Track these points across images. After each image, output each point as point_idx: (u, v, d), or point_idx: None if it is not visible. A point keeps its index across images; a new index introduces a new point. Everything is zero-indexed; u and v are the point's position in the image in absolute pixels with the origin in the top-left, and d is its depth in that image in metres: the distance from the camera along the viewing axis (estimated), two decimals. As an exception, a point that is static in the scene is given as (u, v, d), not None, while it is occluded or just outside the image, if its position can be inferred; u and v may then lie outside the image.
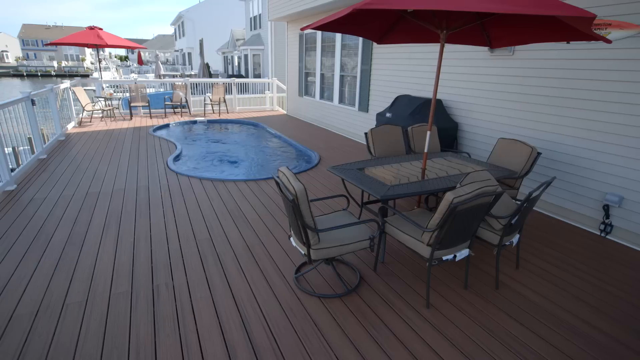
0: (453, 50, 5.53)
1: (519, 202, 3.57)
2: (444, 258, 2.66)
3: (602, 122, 3.86)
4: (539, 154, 3.70)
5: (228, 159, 6.91)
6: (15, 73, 53.05)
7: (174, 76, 30.60)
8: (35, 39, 67.62)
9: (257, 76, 23.43)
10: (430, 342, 2.33)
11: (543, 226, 4.13)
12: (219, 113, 11.65)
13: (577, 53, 4.00)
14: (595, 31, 3.71)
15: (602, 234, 3.93)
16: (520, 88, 4.62)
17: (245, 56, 24.53)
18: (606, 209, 3.87)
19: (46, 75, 53.29)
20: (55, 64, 58.42)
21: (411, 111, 5.62)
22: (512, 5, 2.14)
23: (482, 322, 2.53)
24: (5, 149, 4.66)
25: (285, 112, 12.35)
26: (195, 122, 10.32)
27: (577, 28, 2.51)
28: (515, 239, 2.98)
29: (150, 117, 10.66)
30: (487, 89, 5.07)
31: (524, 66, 4.55)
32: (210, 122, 10.50)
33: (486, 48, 4.99)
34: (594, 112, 3.92)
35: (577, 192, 4.17)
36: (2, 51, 67.53)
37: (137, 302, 2.63)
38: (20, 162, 8.20)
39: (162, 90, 15.28)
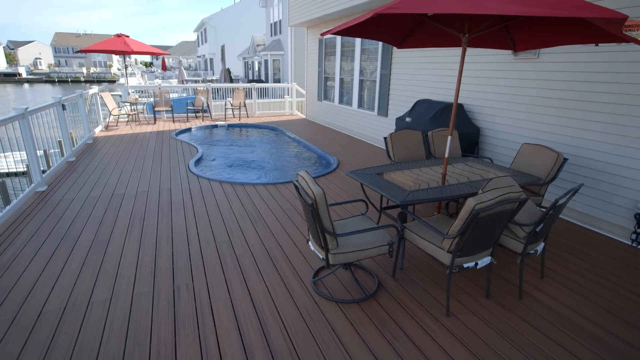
0: (475, 54, 5.44)
1: (544, 210, 3.47)
2: (465, 265, 2.60)
3: (634, 127, 3.71)
4: (565, 159, 3.59)
5: (248, 162, 7.00)
6: (48, 79, 55.59)
7: (196, 81, 31.33)
8: (67, 46, 70.71)
9: (277, 81, 23.70)
10: (450, 352, 2.28)
11: (570, 235, 3.99)
12: (239, 117, 11.83)
13: (606, 55, 3.87)
14: (626, 33, 3.58)
15: (634, 244, 3.75)
16: (546, 92, 4.49)
17: (266, 61, 24.87)
18: (638, 217, 3.70)
19: (76, 81, 55.60)
20: (84, 70, 60.92)
21: (431, 116, 5.56)
22: (539, 7, 2.09)
23: (505, 332, 2.46)
24: (37, 151, 4.88)
25: (304, 117, 12.42)
26: (216, 126, 10.51)
27: (607, 30, 2.43)
28: (540, 247, 2.89)
29: (173, 121, 10.93)
30: (511, 92, 4.95)
31: (549, 69, 4.42)
32: (230, 126, 10.68)
33: (509, 51, 4.89)
34: (625, 116, 3.77)
35: (607, 200, 4.01)
36: (36, 58, 70.97)
37: (159, 302, 2.69)
38: (51, 164, 8.56)
39: (184, 95, 15.67)
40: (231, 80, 22.56)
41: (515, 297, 2.85)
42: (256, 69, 28.58)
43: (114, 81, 51.29)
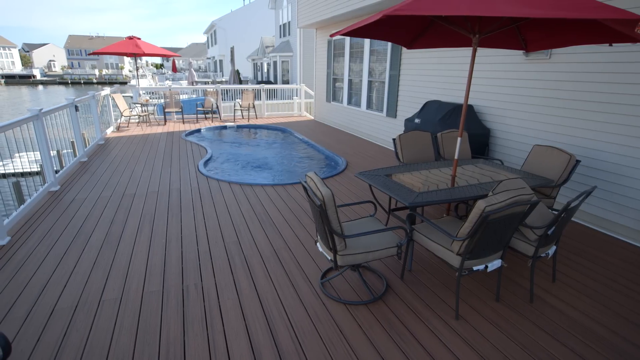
0: (486, 54, 5.39)
1: (555, 212, 3.42)
2: (475, 268, 2.57)
3: (648, 129, 3.64)
4: (578, 161, 3.53)
5: (256, 163, 7.03)
6: (61, 81, 56.65)
7: (205, 83, 31.61)
8: (80, 48, 71.95)
9: (286, 82, 23.78)
10: (459, 355, 2.25)
11: (582, 238, 3.92)
12: (248, 118, 11.90)
13: (620, 56, 3.80)
14: (641, 33, 3.51)
15: (649, 248, 3.67)
16: (558, 93, 4.43)
17: (275, 63, 24.97)
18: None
19: (88, 82, 56.53)
20: (96, 72, 61.92)
21: (441, 117, 5.52)
22: (551, 9, 2.06)
23: (515, 336, 2.43)
24: (51, 151, 4.96)
25: (312, 118, 12.44)
26: (225, 127, 10.59)
27: (621, 30, 2.38)
28: (551, 250, 2.85)
29: (183, 122, 11.04)
30: (522, 93, 4.89)
31: (561, 70, 4.36)
32: (239, 127, 10.74)
33: (521, 52, 4.83)
34: (638, 117, 3.69)
35: (620, 203, 3.93)
36: (50, 61, 72.41)
37: (168, 301, 2.71)
38: (64, 165, 8.71)
39: (194, 96, 15.82)
40: (240, 82, 22.69)
41: (526, 301, 2.81)
42: (265, 70, 28.72)
43: (125, 83, 52.05)
